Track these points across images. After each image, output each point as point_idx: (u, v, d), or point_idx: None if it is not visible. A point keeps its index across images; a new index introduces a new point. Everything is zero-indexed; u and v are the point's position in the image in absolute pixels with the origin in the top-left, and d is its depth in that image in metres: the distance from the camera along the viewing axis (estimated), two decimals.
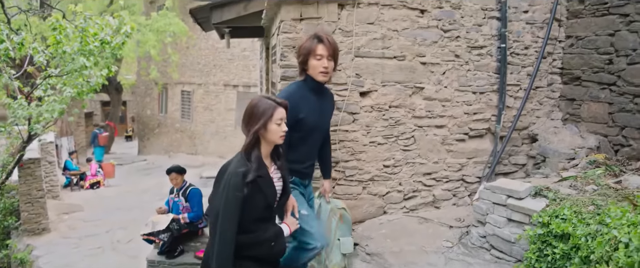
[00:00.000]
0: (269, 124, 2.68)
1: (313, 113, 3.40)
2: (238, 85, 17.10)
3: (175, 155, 19.25)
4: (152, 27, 16.71)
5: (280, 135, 2.74)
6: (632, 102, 4.84)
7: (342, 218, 4.10)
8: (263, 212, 2.73)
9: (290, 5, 4.50)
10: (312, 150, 3.59)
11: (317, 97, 3.48)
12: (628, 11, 4.86)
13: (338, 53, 3.47)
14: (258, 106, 2.70)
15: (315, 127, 3.46)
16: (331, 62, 3.39)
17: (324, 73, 3.38)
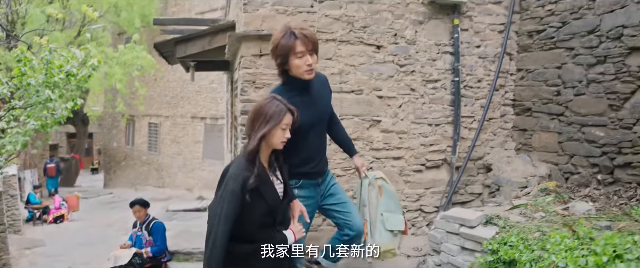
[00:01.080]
0: (275, 130, 2.62)
1: (305, 114, 2.98)
2: (206, 118, 17.14)
3: (142, 188, 19.05)
4: (120, 60, 16.69)
5: (282, 141, 2.67)
6: (580, 131, 5.07)
7: (381, 190, 3.65)
8: (265, 217, 2.66)
9: (250, 41, 4.64)
10: (317, 147, 3.33)
11: (305, 96, 3.16)
12: (573, 45, 5.13)
13: (318, 45, 3.08)
14: (268, 107, 2.63)
15: (312, 125, 3.19)
16: (314, 56, 3.04)
17: (309, 71, 3.04)
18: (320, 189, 3.39)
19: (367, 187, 3.62)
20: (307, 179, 3.27)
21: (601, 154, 4.88)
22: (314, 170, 3.30)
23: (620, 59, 4.70)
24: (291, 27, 3.01)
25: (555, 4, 5.32)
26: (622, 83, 4.69)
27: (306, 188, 3.28)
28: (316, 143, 3.31)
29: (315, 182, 3.35)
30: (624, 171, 4.71)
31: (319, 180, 3.37)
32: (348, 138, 3.68)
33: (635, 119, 4.59)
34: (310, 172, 3.27)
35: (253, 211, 2.57)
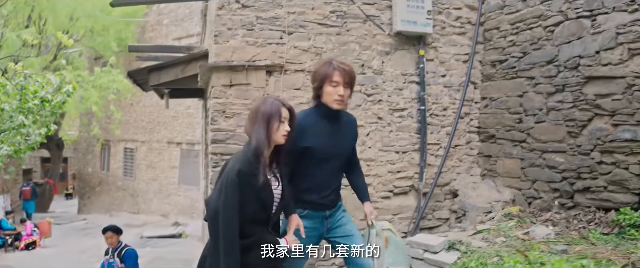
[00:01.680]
0: (274, 123, 2.70)
1: (325, 141, 3.13)
2: (182, 143, 17.12)
3: (116, 214, 18.85)
4: (95, 83, 16.65)
5: (283, 134, 2.73)
6: (541, 157, 5.26)
7: (387, 241, 3.54)
8: (259, 213, 2.69)
9: (221, 72, 4.76)
10: (329, 179, 3.26)
11: (331, 124, 3.20)
12: (534, 74, 5.35)
13: (355, 81, 3.20)
14: (265, 105, 2.72)
15: (330, 155, 3.18)
16: (347, 89, 3.13)
17: (339, 101, 3.10)
18: (328, 222, 3.30)
19: (375, 237, 3.47)
20: (313, 209, 3.21)
21: (561, 179, 5.06)
22: (321, 201, 3.22)
23: (578, 87, 4.91)
24: (333, 59, 3.19)
25: (516, 35, 5.55)
26: (579, 111, 4.90)
27: (311, 219, 3.19)
28: (329, 175, 3.25)
29: (321, 213, 3.26)
30: (583, 195, 4.89)
31: (326, 212, 3.27)
32: (364, 185, 3.58)
33: (592, 146, 4.79)
34: (317, 201, 3.21)
35: (248, 204, 2.59)
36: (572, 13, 4.97)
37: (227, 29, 4.82)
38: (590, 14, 4.81)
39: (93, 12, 18.03)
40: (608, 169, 4.66)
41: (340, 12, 5.23)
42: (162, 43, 18.23)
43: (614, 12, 4.61)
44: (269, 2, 4.99)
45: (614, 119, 4.61)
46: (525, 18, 5.46)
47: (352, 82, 3.16)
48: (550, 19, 5.19)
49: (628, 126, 4.49)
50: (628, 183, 4.51)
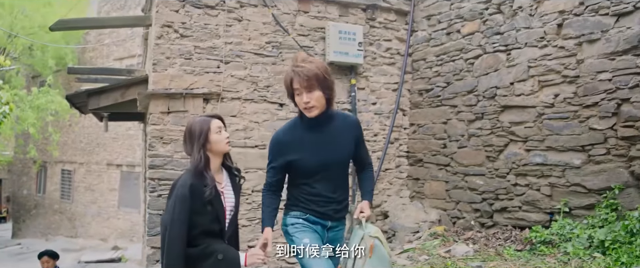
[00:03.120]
0: (210, 135, 2.67)
1: (310, 154, 2.81)
2: (122, 165, 16.84)
3: (53, 238, 18.28)
4: (33, 103, 16.20)
5: (225, 142, 2.72)
6: (463, 180, 5.64)
7: (372, 250, 2.98)
8: (211, 224, 2.64)
9: (159, 99, 4.90)
10: (328, 191, 2.87)
11: (317, 133, 2.84)
12: (457, 103, 5.75)
13: (320, 79, 2.69)
14: (193, 125, 2.72)
15: (320, 167, 2.82)
16: (312, 92, 2.68)
17: (307, 109, 2.71)
18: (327, 235, 2.91)
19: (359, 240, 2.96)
20: (314, 216, 2.86)
21: (482, 200, 5.45)
22: (321, 210, 2.86)
23: (495, 115, 5.34)
24: (295, 60, 2.77)
25: (441, 66, 5.95)
26: (497, 137, 5.32)
27: (311, 221, 2.87)
28: (327, 187, 2.86)
29: (322, 221, 2.88)
30: (501, 215, 5.29)
31: (328, 223, 2.89)
32: (369, 185, 3.13)
33: (508, 169, 5.20)
34: (317, 210, 2.86)
35: (199, 217, 2.59)
36: (490, 47, 5.41)
37: (165, 57, 4.99)
38: (506, 49, 5.26)
39: (32, 29, 17.68)
40: (522, 190, 5.07)
41: (276, 43, 5.49)
42: (103, 63, 18.01)
43: (526, 47, 5.07)
44: (207, 33, 5.19)
45: (526, 144, 5.04)
46: (448, 51, 5.87)
47: (315, 82, 2.68)
48: (470, 52, 5.62)
49: (539, 151, 4.93)
50: (540, 204, 4.93)
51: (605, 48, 4.43)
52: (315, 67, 2.72)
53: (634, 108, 4.20)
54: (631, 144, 4.24)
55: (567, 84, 4.71)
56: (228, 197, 2.75)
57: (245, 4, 5.43)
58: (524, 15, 5.09)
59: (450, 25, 5.91)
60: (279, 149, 2.85)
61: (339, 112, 3.00)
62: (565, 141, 4.69)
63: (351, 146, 2.93)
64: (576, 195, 4.62)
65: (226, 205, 2.72)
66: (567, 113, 4.69)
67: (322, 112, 2.76)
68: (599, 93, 4.44)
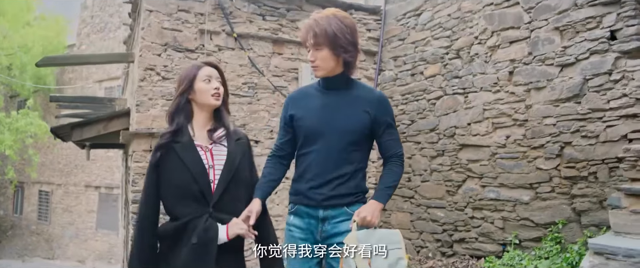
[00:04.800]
0: (195, 83, 2.34)
1: (312, 113, 2.48)
2: (100, 187, 16.97)
3: (30, 259, 18.24)
4: (12, 126, 16.28)
5: (212, 93, 2.34)
6: (426, 212, 6.06)
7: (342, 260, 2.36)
8: (189, 185, 2.25)
9: (141, 138, 5.25)
10: (322, 165, 2.43)
11: (326, 96, 2.51)
12: (420, 140, 6.19)
13: (331, 36, 2.36)
14: (181, 73, 2.46)
15: (319, 130, 2.44)
16: (321, 50, 2.39)
17: (313, 68, 2.51)
18: (324, 229, 2.45)
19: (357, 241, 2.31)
20: (304, 205, 2.45)
21: (442, 231, 5.87)
22: (310, 193, 2.43)
23: (454, 153, 5.78)
24: (316, 14, 2.48)
25: (406, 105, 6.40)
26: (456, 173, 5.75)
27: (301, 216, 2.46)
28: (321, 159, 2.44)
29: (313, 212, 2.45)
30: (460, 245, 5.71)
31: (319, 212, 2.44)
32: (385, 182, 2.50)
33: (466, 203, 5.63)
34: (304, 193, 2.45)
35: (172, 177, 2.26)
36: (450, 90, 5.87)
37: (148, 99, 5.34)
38: (464, 92, 5.72)
39: (12, 49, 17.82)
40: (478, 223, 5.51)
41: (251, 84, 5.88)
42: (83, 85, 18.22)
43: (481, 91, 5.54)
44: None
45: (482, 180, 5.48)
46: (413, 91, 6.33)
47: (323, 39, 2.37)
48: (432, 93, 6.08)
49: (493, 187, 5.37)
50: (494, 235, 5.36)
51: (550, 95, 4.90)
52: (328, 23, 2.39)
53: (575, 151, 4.67)
54: (573, 183, 4.69)
55: (517, 127, 5.17)
56: (218, 154, 2.35)
57: (224, 48, 5.82)
58: (480, 62, 5.57)
59: (414, 66, 6.37)
60: (288, 103, 2.58)
61: (364, 84, 2.67)
62: (515, 179, 5.15)
63: (361, 121, 2.44)
64: (525, 229, 5.06)
65: (213, 163, 2.31)
66: (517, 153, 5.14)
67: (335, 76, 2.45)
68: (545, 136, 4.91)
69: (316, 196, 2.41)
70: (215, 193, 2.27)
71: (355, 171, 2.44)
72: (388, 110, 2.54)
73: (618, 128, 4.38)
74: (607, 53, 4.51)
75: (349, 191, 2.42)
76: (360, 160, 2.48)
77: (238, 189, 2.36)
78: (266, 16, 6.11)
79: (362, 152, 2.48)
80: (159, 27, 5.46)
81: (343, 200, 2.41)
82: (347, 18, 2.44)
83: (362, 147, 2.48)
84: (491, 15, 5.48)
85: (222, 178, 2.29)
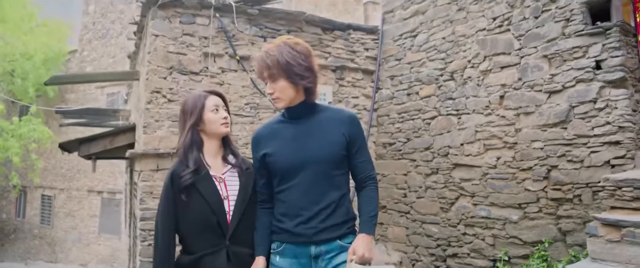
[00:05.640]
0: (204, 114, 2.38)
1: (284, 147, 2.36)
2: (103, 192, 17.19)
3: (33, 263, 18.46)
4: (16, 133, 16.48)
5: (221, 122, 2.40)
6: (421, 227, 6.31)
7: None
8: (206, 217, 2.30)
9: (149, 158, 5.49)
10: (306, 198, 2.33)
11: (294, 126, 2.40)
12: (415, 157, 6.44)
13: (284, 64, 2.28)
14: (187, 101, 2.45)
15: (296, 164, 2.33)
16: (277, 82, 2.31)
17: (273, 100, 2.41)
18: (319, 265, 2.32)
19: None
20: (292, 242, 2.33)
21: (436, 246, 6.13)
22: (298, 230, 2.31)
23: (448, 171, 6.03)
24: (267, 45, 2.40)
25: (402, 123, 6.65)
26: (449, 190, 6.01)
27: (289, 256, 2.34)
28: (304, 193, 2.33)
29: (304, 250, 2.32)
30: (452, 260, 5.96)
31: (311, 249, 2.31)
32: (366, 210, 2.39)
33: (459, 219, 5.88)
34: (292, 230, 2.32)
35: (189, 210, 2.31)
36: (444, 111, 6.12)
37: (154, 121, 5.58)
38: (457, 113, 5.97)
39: (14, 56, 18.01)
40: (470, 239, 5.76)
41: (253, 104, 6.13)
42: (84, 90, 18.41)
43: (474, 113, 5.79)
44: None
45: (474, 199, 5.73)
46: (409, 110, 6.58)
47: (277, 70, 2.28)
48: (427, 113, 6.33)
49: (484, 206, 5.62)
50: (484, 251, 5.61)
51: (538, 120, 5.16)
52: (279, 52, 2.29)
53: (561, 174, 4.92)
54: (559, 205, 4.95)
55: (507, 149, 5.42)
56: (231, 184, 2.39)
57: (227, 69, 6.06)
58: (473, 85, 5.82)
59: (410, 86, 6.62)
60: (257, 143, 2.47)
61: (330, 106, 2.55)
62: (505, 198, 5.40)
63: (338, 143, 2.35)
64: (514, 246, 5.32)
65: (227, 193, 2.36)
66: (506, 174, 5.40)
67: (298, 104, 2.36)
68: (533, 159, 5.16)
69: (306, 231, 2.30)
70: (231, 224, 2.33)
71: (342, 197, 2.35)
72: (360, 129, 2.46)
73: (601, 154, 4.63)
74: (592, 82, 4.75)
75: (339, 221, 2.33)
76: (344, 183, 2.39)
77: (250, 220, 2.42)
78: (267, 38, 6.34)
79: (344, 175, 2.41)
80: (165, 51, 5.71)
81: (335, 233, 2.31)
82: (299, 44, 2.36)
83: (343, 169, 2.40)
84: (484, 41, 5.73)
85: (236, 210, 2.35)
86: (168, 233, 2.31)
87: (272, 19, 6.43)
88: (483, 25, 5.77)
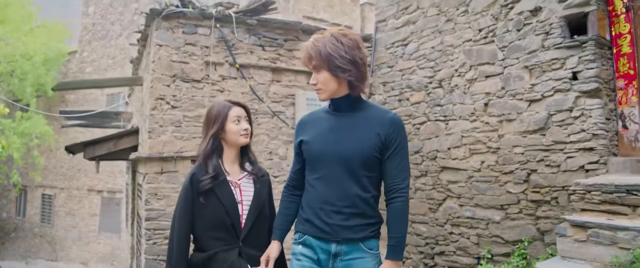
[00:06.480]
0: (226, 124, 2.53)
1: (319, 136, 2.36)
2: (103, 191, 17.48)
3: (33, 261, 18.75)
4: (17, 130, 16.69)
5: (241, 133, 2.55)
6: (411, 226, 6.65)
7: None
8: (222, 218, 2.46)
9: (153, 162, 5.82)
10: (331, 193, 2.30)
11: (334, 118, 2.39)
12: None
13: (327, 56, 2.27)
14: (212, 109, 2.60)
15: (325, 155, 2.32)
16: (320, 73, 2.32)
17: (316, 91, 2.42)
18: (335, 265, 2.29)
19: None
20: (314, 236, 2.31)
21: (425, 244, 6.47)
22: (321, 225, 2.29)
23: (436, 174, 6.37)
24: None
25: None
26: (437, 192, 6.35)
27: (311, 248, 2.33)
28: (330, 187, 2.30)
29: (324, 246, 2.30)
30: (440, 257, 6.31)
31: (332, 246, 2.28)
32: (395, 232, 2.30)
33: (446, 219, 6.23)
34: (315, 223, 2.31)
35: (206, 211, 2.46)
36: (433, 116, 6.46)
37: (159, 126, 5.92)
38: (445, 119, 6.31)
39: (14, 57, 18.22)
40: (456, 238, 6.11)
41: (252, 110, 6.45)
42: (84, 91, 18.68)
43: (460, 119, 6.13)
44: (194, 103, 6.14)
45: (460, 200, 6.08)
46: (400, 115, 6.89)
47: (320, 61, 2.29)
48: (417, 118, 6.67)
49: (469, 207, 5.97)
50: (469, 250, 5.96)
51: (519, 127, 5.50)
52: (323, 44, 2.27)
53: (540, 178, 5.26)
54: (538, 206, 5.29)
55: (490, 154, 5.77)
56: (246, 190, 2.54)
57: (227, 77, 6.40)
58: (459, 93, 6.16)
59: (401, 93, 6.97)
60: (299, 128, 2.49)
61: (376, 105, 2.50)
62: (488, 200, 5.75)
63: (371, 144, 2.28)
64: (497, 245, 5.67)
65: (242, 198, 2.50)
66: (490, 177, 5.74)
67: (341, 97, 2.34)
68: (514, 163, 5.51)
69: (326, 228, 2.26)
70: (244, 227, 2.47)
71: (368, 198, 2.29)
72: (400, 133, 2.35)
73: (576, 159, 4.97)
74: (569, 92, 5.09)
75: (364, 222, 2.27)
76: (374, 185, 2.33)
77: (263, 224, 2.56)
78: (266, 47, 6.69)
79: (374, 178, 2.32)
80: (168, 60, 6.04)
81: (358, 234, 2.26)
82: (347, 35, 2.30)
83: (374, 171, 2.32)
84: (470, 51, 6.07)
85: (250, 214, 2.50)
86: (185, 233, 2.46)
87: (270, 29, 6.76)
88: (469, 36, 6.11)
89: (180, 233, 2.46)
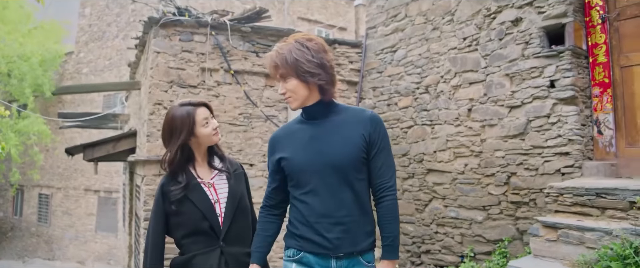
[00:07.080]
0: (196, 129, 2.45)
1: (300, 149, 2.26)
2: (100, 191, 17.67)
3: (30, 260, 18.92)
4: (14, 128, 16.85)
5: (213, 133, 2.49)
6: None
7: None
8: (199, 222, 2.42)
9: (152, 164, 6.07)
10: (330, 200, 2.21)
11: (311, 127, 2.30)
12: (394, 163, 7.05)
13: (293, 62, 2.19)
14: (174, 118, 2.45)
15: (314, 168, 2.22)
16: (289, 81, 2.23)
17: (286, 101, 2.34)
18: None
19: None
20: (312, 253, 2.22)
21: (412, 243, 6.75)
22: (318, 239, 2.20)
23: (422, 176, 6.65)
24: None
25: None
26: (423, 193, 6.63)
27: (307, 264, 2.25)
28: (326, 200, 2.21)
29: (323, 261, 2.22)
30: (426, 256, 6.59)
31: (332, 263, 2.22)
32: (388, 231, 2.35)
33: (431, 220, 6.51)
34: (312, 239, 2.21)
35: (182, 218, 2.43)
36: (419, 121, 6.74)
37: (157, 130, 6.16)
38: (431, 123, 6.59)
39: (11, 58, 18.39)
40: (441, 237, 6.38)
41: (246, 114, 6.73)
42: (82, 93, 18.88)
43: (445, 124, 6.40)
44: None
45: (444, 201, 6.36)
46: (388, 119, 7.19)
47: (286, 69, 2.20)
48: (405, 122, 6.95)
49: (453, 207, 6.25)
50: (454, 248, 6.24)
51: (500, 132, 5.78)
52: (288, 50, 2.18)
53: (519, 180, 5.54)
54: (517, 207, 5.57)
55: (473, 157, 6.05)
56: (220, 188, 2.50)
57: (222, 83, 6.66)
58: (445, 98, 6.43)
59: (390, 97, 7.24)
60: (273, 145, 2.37)
61: (350, 106, 2.40)
62: (471, 201, 6.03)
63: (357, 145, 2.21)
64: (479, 244, 5.95)
65: (218, 198, 2.47)
66: (473, 179, 6.02)
67: (314, 104, 2.26)
68: (496, 167, 5.79)
69: (326, 242, 2.18)
70: (223, 226, 2.43)
71: (363, 203, 2.25)
72: (382, 130, 2.29)
73: (553, 163, 5.26)
74: (546, 99, 5.36)
75: (362, 232, 2.26)
76: (365, 189, 2.27)
77: (242, 219, 2.53)
78: (259, 53, 6.94)
79: (365, 180, 2.27)
80: (166, 67, 6.29)
81: (357, 247, 2.24)
82: (312, 40, 2.24)
83: (364, 173, 2.25)
84: (454, 59, 6.35)
85: (227, 212, 2.45)
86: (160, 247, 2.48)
87: (263, 36, 7.02)
88: (454, 45, 6.38)
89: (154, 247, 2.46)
